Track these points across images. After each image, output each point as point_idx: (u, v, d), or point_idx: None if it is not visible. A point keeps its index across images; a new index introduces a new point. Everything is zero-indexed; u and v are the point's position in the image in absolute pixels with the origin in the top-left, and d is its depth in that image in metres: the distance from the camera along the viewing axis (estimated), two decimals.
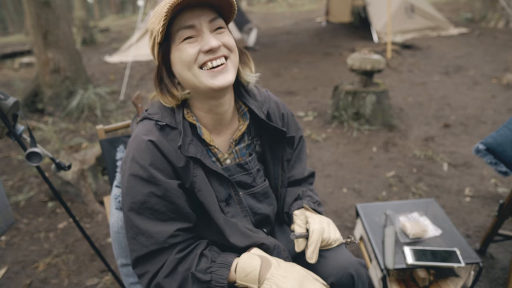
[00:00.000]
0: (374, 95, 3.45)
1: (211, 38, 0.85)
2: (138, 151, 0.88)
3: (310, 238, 0.97)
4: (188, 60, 0.85)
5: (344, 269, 0.99)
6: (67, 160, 2.63)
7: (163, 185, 0.86)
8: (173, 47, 0.87)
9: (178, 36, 0.85)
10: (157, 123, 0.91)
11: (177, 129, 0.91)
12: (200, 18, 0.85)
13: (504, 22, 7.92)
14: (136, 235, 0.88)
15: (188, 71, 0.87)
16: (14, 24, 19.48)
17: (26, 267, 2.06)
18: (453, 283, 1.48)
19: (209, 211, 0.92)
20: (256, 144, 1.07)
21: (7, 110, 1.16)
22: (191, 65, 0.85)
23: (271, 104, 1.09)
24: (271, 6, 16.68)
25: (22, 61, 7.32)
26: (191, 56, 0.85)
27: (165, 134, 0.90)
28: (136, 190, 0.87)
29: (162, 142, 0.88)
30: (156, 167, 0.87)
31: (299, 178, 1.18)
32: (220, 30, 0.88)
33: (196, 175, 0.90)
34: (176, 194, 0.88)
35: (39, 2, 4.11)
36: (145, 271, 0.90)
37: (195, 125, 0.95)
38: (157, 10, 0.86)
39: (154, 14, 0.87)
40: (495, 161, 1.44)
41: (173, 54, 0.88)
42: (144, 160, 0.87)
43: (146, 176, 0.86)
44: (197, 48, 0.85)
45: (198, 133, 0.95)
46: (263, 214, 1.06)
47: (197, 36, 0.86)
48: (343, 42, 7.52)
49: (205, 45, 0.84)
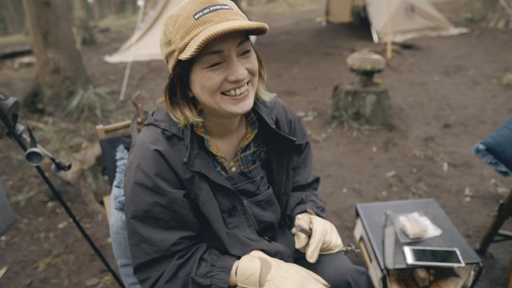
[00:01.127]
0: (374, 95, 3.45)
1: (239, 68, 0.80)
2: (144, 159, 0.86)
3: (312, 236, 0.97)
4: (212, 88, 0.81)
5: (342, 276, 0.99)
6: (67, 160, 2.63)
7: (168, 196, 0.85)
8: (196, 69, 0.81)
9: (204, 60, 0.79)
10: (164, 132, 0.88)
11: (183, 140, 0.89)
12: (229, 42, 0.78)
13: (504, 22, 7.92)
14: (139, 242, 0.87)
15: (209, 97, 0.83)
16: (14, 24, 19.48)
17: (26, 267, 2.06)
18: (453, 283, 1.48)
19: (212, 224, 0.91)
20: (261, 151, 1.06)
21: (7, 110, 1.16)
22: (214, 92, 0.82)
23: (279, 110, 1.07)
24: (271, 6, 16.68)
25: (22, 61, 7.32)
26: (216, 84, 0.81)
27: (172, 144, 0.88)
28: (140, 199, 0.85)
29: (169, 153, 0.86)
30: (162, 177, 0.85)
31: (304, 184, 1.17)
32: (247, 54, 0.84)
33: (201, 188, 0.89)
34: (181, 204, 0.87)
35: (39, 2, 4.12)
36: (147, 277, 0.89)
37: (203, 137, 0.93)
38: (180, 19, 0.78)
39: (175, 21, 0.79)
40: (495, 161, 1.44)
41: (195, 75, 0.82)
42: (150, 169, 0.85)
43: (151, 185, 0.85)
44: (223, 76, 0.81)
45: (205, 145, 0.93)
46: (267, 222, 1.06)
47: (224, 61, 0.80)
48: (343, 42, 7.52)
49: (232, 75, 0.80)
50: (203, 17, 0.77)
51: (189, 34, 0.77)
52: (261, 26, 0.77)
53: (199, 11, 0.77)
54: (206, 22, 0.76)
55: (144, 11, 7.81)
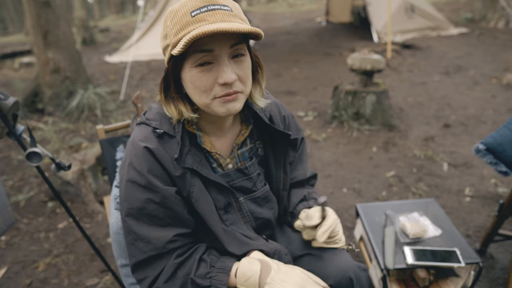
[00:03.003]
0: (374, 95, 3.45)
1: (228, 70, 0.78)
2: (135, 157, 0.86)
3: (327, 219, 0.98)
4: (202, 89, 0.81)
5: (344, 273, 0.99)
6: (67, 160, 2.63)
7: (161, 192, 0.85)
8: (186, 66, 0.80)
9: (193, 58, 0.78)
10: (154, 130, 0.88)
11: (175, 137, 0.88)
12: (221, 42, 0.77)
13: (504, 22, 7.92)
14: (134, 240, 0.87)
15: (198, 97, 0.83)
16: (14, 24, 19.48)
17: (26, 267, 2.06)
18: (453, 283, 1.48)
19: (206, 221, 0.91)
20: (258, 147, 1.06)
21: (7, 110, 1.16)
22: (206, 93, 0.81)
23: (272, 106, 1.07)
24: (271, 6, 16.68)
25: (22, 61, 7.32)
26: (205, 86, 0.80)
27: (163, 142, 0.88)
28: (134, 196, 0.86)
29: (159, 150, 0.86)
30: (154, 174, 0.85)
31: (302, 179, 1.17)
32: (239, 58, 0.81)
33: (193, 184, 0.89)
34: (174, 200, 0.87)
35: (39, 2, 4.11)
36: (145, 276, 0.89)
37: (195, 134, 0.93)
38: (178, 15, 0.78)
39: (173, 16, 0.79)
40: (495, 161, 1.44)
41: (185, 73, 0.82)
42: (141, 166, 0.85)
43: (144, 182, 0.85)
44: (212, 78, 0.80)
45: (197, 142, 0.93)
46: (264, 219, 1.06)
47: (214, 61, 0.79)
48: (343, 42, 7.52)
49: (221, 78, 0.79)
50: (199, 16, 0.77)
51: (183, 31, 0.77)
52: (254, 31, 0.75)
53: (197, 8, 0.77)
54: (201, 20, 0.76)
55: (144, 11, 7.81)
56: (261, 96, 0.96)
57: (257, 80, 0.95)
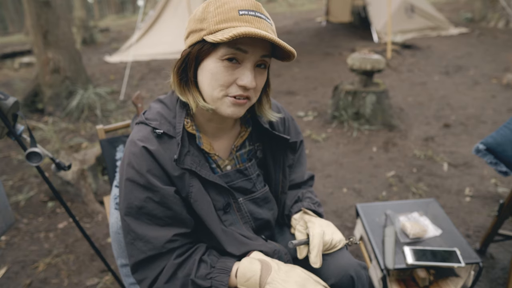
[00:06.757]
0: (374, 95, 3.45)
1: (251, 75, 0.81)
2: (134, 156, 0.86)
3: (311, 242, 0.96)
4: (219, 83, 0.81)
5: (345, 271, 0.98)
6: (67, 160, 2.63)
7: (160, 191, 0.85)
8: (213, 56, 0.81)
9: (225, 51, 0.79)
10: (154, 131, 0.88)
11: (174, 138, 0.88)
12: (257, 48, 0.80)
13: (504, 22, 7.92)
14: (133, 240, 0.87)
15: (212, 89, 0.83)
16: (14, 24, 19.48)
17: (26, 267, 2.06)
18: (453, 283, 1.48)
19: (205, 221, 0.91)
20: (257, 149, 1.06)
21: (7, 110, 1.16)
22: (219, 87, 0.82)
23: (272, 108, 1.06)
24: (271, 6, 16.67)
25: (22, 61, 7.32)
26: (224, 81, 0.81)
27: (162, 142, 0.88)
28: (133, 195, 0.86)
29: (158, 150, 0.86)
30: (152, 174, 0.85)
31: (299, 182, 1.18)
32: (262, 69, 0.85)
33: (192, 185, 0.89)
34: (173, 200, 0.87)
35: (39, 2, 4.12)
36: (144, 277, 0.89)
37: (194, 135, 0.93)
38: (225, 7, 0.79)
39: (220, 6, 0.79)
40: (495, 161, 1.44)
41: (209, 62, 0.82)
42: (140, 166, 0.85)
43: (143, 182, 0.85)
44: (233, 77, 0.81)
45: (196, 143, 0.93)
46: (263, 219, 1.06)
47: (241, 62, 0.81)
48: (343, 42, 7.52)
49: (242, 80, 0.80)
50: (246, 16, 0.78)
51: (226, 23, 0.78)
52: (293, 52, 0.80)
53: (246, 9, 0.79)
54: (247, 22, 0.78)
55: (144, 11, 7.81)
56: (270, 109, 0.99)
57: (267, 94, 0.97)
